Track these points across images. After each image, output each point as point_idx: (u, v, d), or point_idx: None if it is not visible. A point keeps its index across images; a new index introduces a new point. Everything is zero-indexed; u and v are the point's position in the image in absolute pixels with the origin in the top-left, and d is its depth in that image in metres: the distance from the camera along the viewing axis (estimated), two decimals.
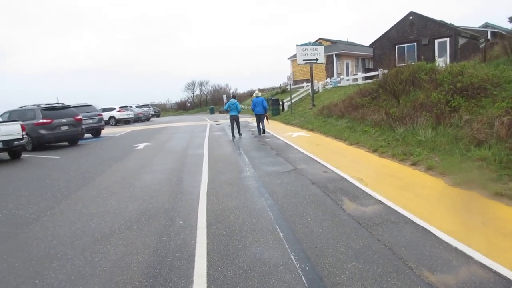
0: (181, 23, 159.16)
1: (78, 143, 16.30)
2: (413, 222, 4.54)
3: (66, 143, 16.02)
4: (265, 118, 15.46)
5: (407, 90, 13.58)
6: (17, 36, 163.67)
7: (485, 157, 6.54)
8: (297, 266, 3.59)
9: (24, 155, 13.00)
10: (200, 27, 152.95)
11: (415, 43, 24.95)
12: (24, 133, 12.41)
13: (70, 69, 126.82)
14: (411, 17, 25.23)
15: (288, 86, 27.92)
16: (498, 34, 25.57)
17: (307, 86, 29.73)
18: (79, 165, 10.48)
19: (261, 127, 15.26)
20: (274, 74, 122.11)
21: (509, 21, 24.49)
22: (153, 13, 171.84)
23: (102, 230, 4.92)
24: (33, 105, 15.29)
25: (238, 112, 14.96)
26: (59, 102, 17.52)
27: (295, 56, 24.08)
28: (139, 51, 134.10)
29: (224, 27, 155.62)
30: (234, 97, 16.41)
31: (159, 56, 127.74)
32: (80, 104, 19.39)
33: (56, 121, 14.70)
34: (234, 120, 14.71)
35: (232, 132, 14.84)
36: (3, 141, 11.53)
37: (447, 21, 26.21)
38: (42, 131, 14.33)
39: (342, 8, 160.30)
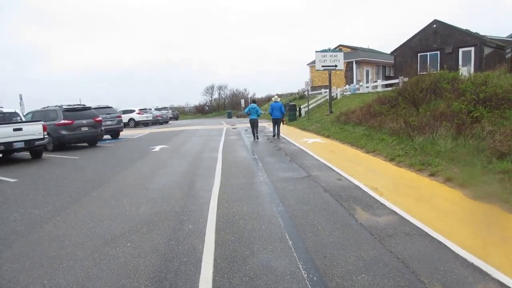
0: (201, 28, 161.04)
1: (97, 144, 16.60)
2: (428, 235, 4.38)
3: (85, 144, 16.34)
4: (282, 122, 16.15)
5: (428, 99, 13.28)
6: (47, 39, 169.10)
7: (508, 170, 6.29)
8: (305, 275, 3.50)
9: (45, 155, 13.31)
10: (221, 32, 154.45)
11: (438, 52, 24.45)
12: (45, 133, 12.72)
13: (94, 73, 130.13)
14: (434, 25, 24.76)
15: (306, 92, 27.79)
16: None
17: (325, 92, 29.53)
18: (96, 166, 10.64)
19: (276, 131, 15.96)
20: (293, 79, 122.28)
21: None
22: (176, 17, 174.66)
23: (113, 231, 4.94)
24: (55, 106, 15.68)
25: (258, 116, 15.80)
26: (81, 103, 17.93)
27: (314, 62, 23.95)
28: (161, 55, 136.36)
29: (245, 32, 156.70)
30: (254, 101, 17.59)
31: (181, 60, 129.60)
32: (100, 106, 19.79)
33: (76, 122, 15.02)
34: (254, 123, 15.58)
35: (253, 133, 15.72)
36: (25, 141, 11.82)
37: (473, 30, 25.61)
38: (63, 132, 14.67)
39: (364, 15, 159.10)
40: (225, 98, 65.11)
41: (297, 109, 26.47)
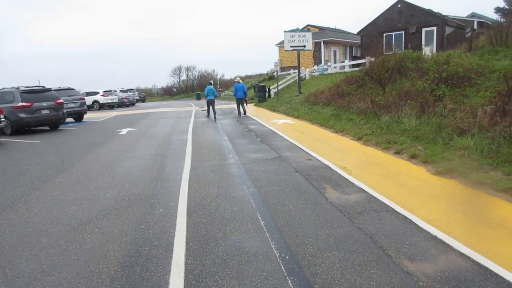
0: (171, 8, 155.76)
1: (59, 128, 15.91)
2: (394, 211, 4.54)
3: (46, 127, 15.62)
4: (245, 101, 18.07)
5: (393, 79, 13.59)
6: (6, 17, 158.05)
7: (468, 146, 6.58)
8: (277, 255, 3.54)
9: (2, 139, 12.61)
10: (189, 13, 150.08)
11: (403, 32, 24.95)
12: (2, 116, 12.03)
13: (56, 52, 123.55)
14: (399, 5, 25.15)
15: (275, 73, 27.71)
16: (485, 24, 25.79)
17: (294, 73, 29.56)
18: (59, 150, 10.22)
19: (241, 110, 17.78)
20: (262, 60, 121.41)
21: (495, 12, 24.69)
22: None
23: (79, 217, 4.78)
24: (12, 88, 14.80)
25: (215, 96, 18.23)
26: (40, 85, 17.01)
27: (282, 42, 23.81)
28: (127, 36, 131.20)
29: (212, 13, 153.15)
30: (211, 83, 19.53)
31: (146, 41, 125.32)
32: (61, 88, 18.88)
33: (36, 104, 14.28)
34: (211, 103, 17.84)
35: (208, 112, 18.05)
36: None
37: (435, 10, 26.25)
38: (22, 115, 13.91)
39: None
40: (194, 79, 63.89)
41: (267, 90, 26.40)
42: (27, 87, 15.09)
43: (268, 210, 4.76)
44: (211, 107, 17.88)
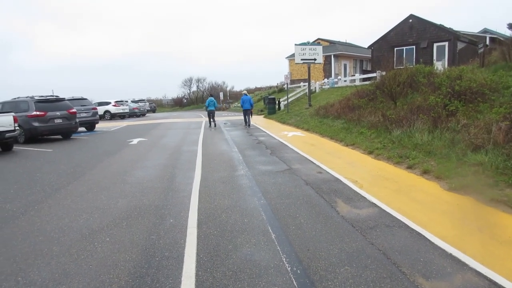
0: (183, 22, 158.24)
1: (71, 137, 16.12)
2: (408, 227, 4.46)
3: (59, 136, 15.84)
4: (251, 113, 19.13)
5: (405, 93, 13.53)
6: (24, 30, 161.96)
7: (482, 162, 6.48)
8: (289, 269, 3.50)
9: (16, 147, 12.82)
10: (200, 26, 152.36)
11: (414, 46, 24.92)
12: (16, 125, 12.23)
13: (69, 64, 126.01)
14: (410, 20, 25.19)
15: (285, 85, 27.81)
16: (497, 40, 25.63)
17: (304, 85, 29.64)
18: (71, 159, 10.32)
19: (247, 120, 18.77)
20: (272, 73, 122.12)
21: (508, 28, 24.54)
22: (157, 12, 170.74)
23: (90, 226, 4.79)
24: (26, 97, 15.07)
25: (215, 107, 19.60)
26: (54, 94, 17.32)
27: (293, 55, 23.94)
28: (138, 49, 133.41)
29: (223, 27, 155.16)
30: (211, 95, 21.41)
31: (158, 54, 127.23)
32: (74, 98, 19.16)
33: (49, 113, 14.51)
34: (211, 113, 19.14)
35: (209, 122, 19.11)
36: None
37: (447, 25, 26.22)
38: (35, 124, 14.14)
39: (343, 9, 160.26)
40: (204, 91, 64.48)
41: (277, 102, 26.47)
42: (41, 96, 15.36)
43: (279, 222, 4.72)
44: (211, 117, 19.25)
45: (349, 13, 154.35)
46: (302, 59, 22.37)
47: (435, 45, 24.09)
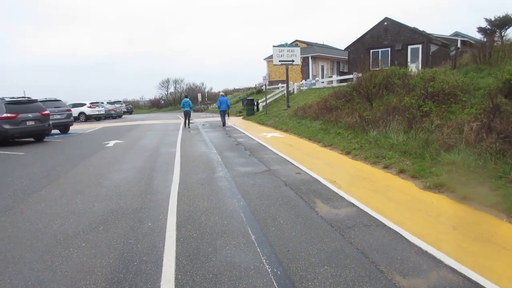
0: (162, 22, 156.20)
1: (44, 139, 15.63)
2: (385, 225, 4.55)
3: (31, 139, 15.33)
4: (227, 114, 20.22)
5: (381, 94, 13.81)
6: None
7: (455, 161, 6.68)
8: (269, 270, 3.50)
9: None
10: (180, 28, 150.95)
11: (389, 48, 25.49)
12: None
13: (45, 64, 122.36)
14: (385, 23, 25.76)
15: (264, 86, 27.90)
16: (468, 43, 26.52)
17: (282, 87, 29.80)
18: (44, 162, 10.01)
19: (224, 120, 19.59)
20: (251, 74, 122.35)
21: (477, 31, 25.44)
22: (134, 12, 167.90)
23: (65, 231, 4.66)
24: None
25: (190, 108, 20.40)
26: (25, 96, 16.76)
27: (271, 57, 24.07)
28: (116, 49, 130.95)
29: (203, 29, 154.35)
30: (186, 96, 22.17)
31: (135, 54, 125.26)
32: (48, 99, 18.61)
33: (21, 115, 14.01)
34: (187, 114, 20.04)
35: (185, 123, 20.06)
36: None
37: (420, 28, 26.95)
38: (6, 126, 13.60)
39: (321, 13, 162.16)
40: (181, 92, 63.74)
41: (255, 103, 26.51)
42: (13, 98, 14.84)
43: (259, 224, 4.72)
44: (187, 117, 20.22)
45: (326, 15, 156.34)
46: (280, 61, 22.49)
47: (409, 47, 24.72)
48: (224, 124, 19.46)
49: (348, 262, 3.62)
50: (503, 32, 24.27)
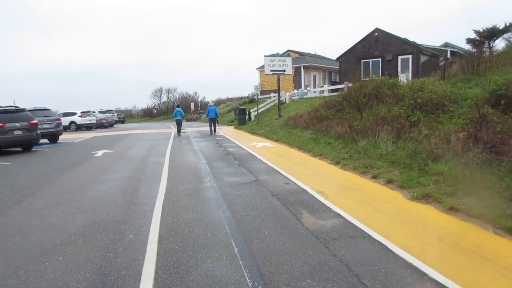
0: (157, 34, 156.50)
1: (33, 149, 15.41)
2: (370, 237, 4.48)
3: (19, 149, 15.10)
4: (216, 122, 20.97)
5: (370, 104, 13.86)
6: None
7: (442, 171, 6.65)
8: (250, 284, 3.41)
9: None
10: (175, 38, 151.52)
11: (380, 59, 25.73)
12: None
13: (39, 72, 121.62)
14: (376, 34, 26.03)
15: (256, 96, 27.94)
16: (457, 54, 26.89)
17: (274, 96, 29.88)
18: (29, 172, 9.83)
19: (212, 128, 20.51)
20: (243, 83, 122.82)
21: (466, 42, 25.79)
22: (128, 21, 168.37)
23: (43, 245, 4.52)
24: None
25: (182, 117, 21.72)
26: (14, 105, 16.56)
27: (263, 66, 24.12)
28: (110, 58, 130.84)
29: (197, 39, 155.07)
30: (178, 106, 23.58)
31: (129, 64, 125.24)
32: (37, 108, 18.44)
33: (8, 125, 13.83)
34: (179, 123, 21.46)
35: (178, 131, 21.35)
36: None
37: (410, 39, 27.27)
38: None
39: (313, 23, 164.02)
40: (174, 101, 63.62)
41: (247, 113, 26.52)
42: (0, 107, 14.66)
43: (243, 236, 4.62)
44: (179, 126, 21.57)
45: (319, 26, 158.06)
46: (271, 70, 22.58)
47: (399, 57, 24.97)
48: (212, 132, 20.35)
49: (331, 275, 3.54)
50: (491, 43, 24.62)
